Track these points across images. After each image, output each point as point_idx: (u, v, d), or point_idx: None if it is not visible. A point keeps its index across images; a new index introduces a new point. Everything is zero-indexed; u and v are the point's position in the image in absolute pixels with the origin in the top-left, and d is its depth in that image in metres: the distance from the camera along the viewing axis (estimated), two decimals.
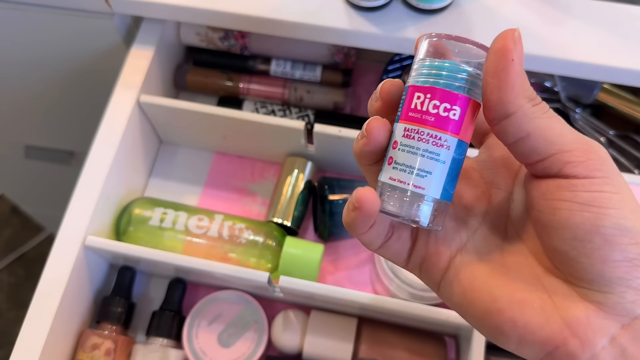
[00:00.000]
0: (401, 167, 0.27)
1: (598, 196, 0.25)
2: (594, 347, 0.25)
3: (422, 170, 0.27)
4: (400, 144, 0.27)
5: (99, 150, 0.59)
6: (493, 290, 0.27)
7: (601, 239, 0.25)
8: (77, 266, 0.55)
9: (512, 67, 0.25)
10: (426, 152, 0.27)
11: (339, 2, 0.60)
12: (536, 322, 0.26)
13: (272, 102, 0.70)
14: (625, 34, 0.59)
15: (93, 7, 0.63)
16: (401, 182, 0.27)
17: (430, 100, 0.26)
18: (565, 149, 0.25)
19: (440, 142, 0.27)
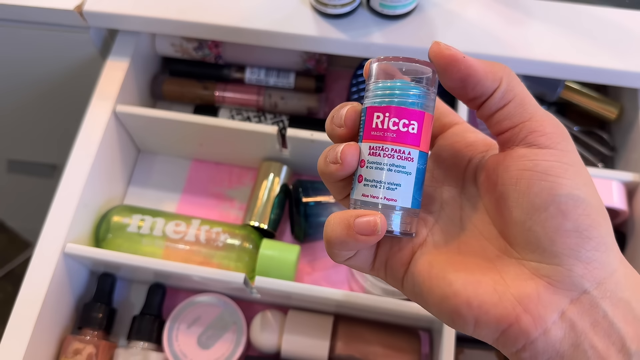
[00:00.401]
0: (371, 183, 0.29)
1: (556, 166, 0.26)
2: (545, 323, 0.26)
3: (391, 184, 0.28)
4: (367, 162, 0.29)
5: (77, 159, 0.60)
6: (449, 275, 0.28)
7: (555, 208, 0.26)
8: (57, 274, 0.56)
9: (470, 60, 0.27)
10: (393, 166, 0.28)
11: (307, 11, 0.62)
12: (489, 300, 0.26)
13: (248, 109, 0.72)
14: (583, 33, 0.61)
15: (68, 22, 0.64)
16: (373, 197, 0.29)
17: (389, 119, 0.28)
18: (535, 118, 0.27)
19: (404, 156, 0.28)
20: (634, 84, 0.61)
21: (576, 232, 0.26)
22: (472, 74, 0.27)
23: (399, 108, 0.28)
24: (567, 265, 0.26)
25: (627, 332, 0.25)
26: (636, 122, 0.63)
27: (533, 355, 0.26)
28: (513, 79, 0.28)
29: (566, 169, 0.26)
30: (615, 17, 0.62)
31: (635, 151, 0.62)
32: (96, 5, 0.63)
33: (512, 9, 0.62)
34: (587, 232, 0.26)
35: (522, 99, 0.28)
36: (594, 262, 0.26)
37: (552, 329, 0.26)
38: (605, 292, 0.26)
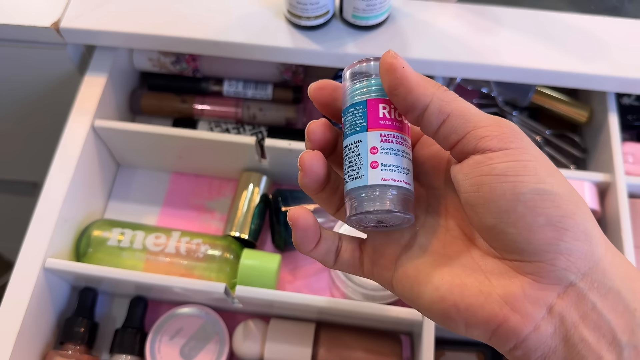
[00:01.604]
0: (391, 167, 0.29)
1: (514, 165, 0.26)
2: (535, 319, 0.25)
3: (405, 169, 0.29)
4: (381, 148, 0.29)
5: (56, 175, 0.61)
6: (434, 279, 0.29)
7: (523, 207, 0.25)
8: (38, 289, 0.56)
9: (408, 71, 0.28)
10: (404, 152, 0.29)
11: (282, 23, 0.63)
12: (476, 303, 0.27)
13: (226, 121, 0.72)
14: (551, 39, 0.63)
15: (45, 39, 0.65)
16: (395, 180, 0.29)
17: (395, 110, 0.30)
18: (480, 125, 0.27)
19: (407, 144, 0.30)
20: (601, 87, 0.63)
21: (550, 226, 0.25)
22: (404, 84, 0.28)
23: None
24: (548, 260, 0.25)
25: (617, 324, 0.25)
26: (606, 124, 0.65)
27: (526, 353, 0.26)
28: (447, 95, 0.28)
29: (525, 166, 0.26)
30: (582, 23, 0.64)
31: (605, 152, 0.64)
32: (73, 22, 0.63)
33: (481, 17, 0.64)
34: (561, 223, 0.25)
35: (461, 111, 0.28)
36: (575, 253, 0.25)
37: (542, 325, 0.26)
38: (592, 282, 0.25)
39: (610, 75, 0.61)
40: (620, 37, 0.63)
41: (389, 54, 0.28)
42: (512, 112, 0.70)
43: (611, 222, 0.61)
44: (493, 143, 0.27)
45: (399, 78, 0.28)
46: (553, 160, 0.68)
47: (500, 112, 0.70)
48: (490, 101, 0.71)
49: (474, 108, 0.28)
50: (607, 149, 0.64)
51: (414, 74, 0.28)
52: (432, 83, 0.28)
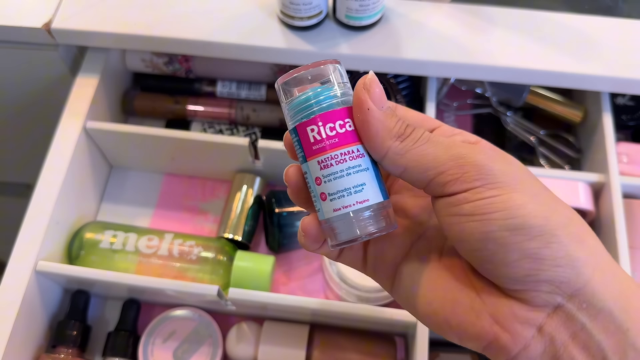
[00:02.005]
0: (337, 195, 0.28)
1: (480, 204, 0.25)
2: (524, 339, 0.26)
3: (357, 186, 0.28)
4: (323, 177, 0.28)
5: (48, 177, 0.60)
6: (428, 293, 0.29)
7: (494, 244, 0.25)
8: (29, 292, 0.56)
9: (371, 115, 0.27)
10: (350, 168, 0.28)
11: (275, 24, 0.63)
12: (467, 320, 0.27)
13: (220, 122, 0.72)
14: (545, 39, 0.63)
15: (37, 40, 0.64)
16: (346, 207, 0.28)
17: (324, 126, 0.28)
18: (440, 170, 0.26)
19: (355, 155, 0.28)
20: (596, 87, 0.63)
21: (526, 259, 0.25)
22: (364, 129, 0.28)
23: (326, 113, 0.28)
24: (531, 287, 0.25)
25: (608, 344, 0.25)
26: (600, 124, 0.65)
27: None
28: (404, 147, 0.27)
29: (491, 202, 0.25)
30: (576, 23, 0.64)
31: (599, 152, 0.64)
32: (64, 23, 0.63)
33: (475, 17, 0.63)
34: (537, 255, 0.25)
35: (418, 162, 0.27)
36: (558, 278, 0.25)
37: (532, 344, 0.26)
38: (581, 303, 0.25)
39: (604, 75, 0.61)
40: (614, 37, 0.63)
41: (362, 83, 0.28)
42: (506, 113, 0.70)
43: (605, 223, 0.60)
44: (457, 186, 0.26)
45: (361, 120, 0.27)
46: (547, 161, 0.68)
47: (494, 113, 0.70)
48: (484, 101, 0.71)
49: (431, 149, 0.27)
50: (602, 149, 0.63)
51: (378, 118, 0.27)
52: (392, 133, 0.27)
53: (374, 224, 0.28)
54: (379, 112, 0.27)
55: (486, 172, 0.25)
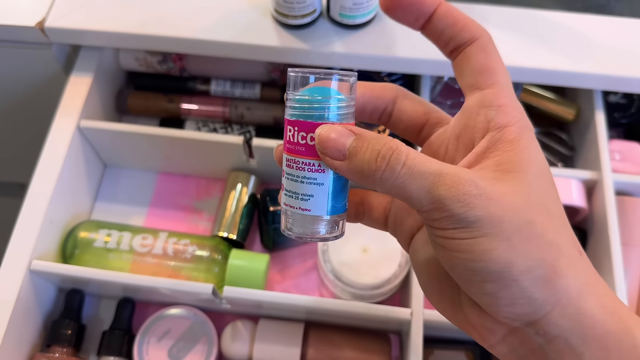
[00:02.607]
0: (289, 193, 0.29)
1: (449, 242, 0.26)
2: (489, 341, 0.29)
3: (305, 195, 0.29)
4: (285, 173, 0.29)
5: (41, 176, 0.60)
6: (424, 273, 0.32)
7: (458, 276, 0.27)
8: (24, 291, 0.56)
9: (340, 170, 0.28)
10: (305, 178, 0.28)
11: (268, 22, 0.63)
12: (448, 310, 0.30)
13: (214, 120, 0.72)
14: (538, 37, 0.63)
15: (30, 39, 0.64)
16: (291, 206, 0.29)
17: (298, 132, 0.28)
18: (423, 210, 0.26)
19: (314, 168, 0.28)
20: (588, 85, 0.63)
21: (484, 295, 0.26)
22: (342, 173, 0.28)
23: (305, 122, 0.28)
24: (490, 312, 0.27)
25: None
26: (593, 122, 0.65)
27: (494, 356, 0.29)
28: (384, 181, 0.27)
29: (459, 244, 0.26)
30: (569, 21, 0.64)
31: (592, 150, 0.64)
32: (58, 22, 0.63)
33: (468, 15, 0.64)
34: (494, 294, 0.26)
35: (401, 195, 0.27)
36: (514, 312, 0.26)
37: (497, 346, 0.29)
38: (537, 329, 0.26)
39: (597, 73, 0.61)
40: (607, 35, 0.63)
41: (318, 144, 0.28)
42: None
43: (598, 220, 0.61)
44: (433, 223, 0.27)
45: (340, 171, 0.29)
46: None
47: None
48: None
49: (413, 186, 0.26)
50: (594, 147, 0.64)
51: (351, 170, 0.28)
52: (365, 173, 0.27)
53: (307, 231, 0.30)
54: (344, 165, 0.28)
55: (460, 218, 0.25)
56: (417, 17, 0.30)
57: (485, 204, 0.25)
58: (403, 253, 0.59)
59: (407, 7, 0.30)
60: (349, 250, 0.59)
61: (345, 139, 0.27)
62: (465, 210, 0.25)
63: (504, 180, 0.26)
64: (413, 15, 0.30)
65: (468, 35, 0.30)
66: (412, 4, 0.30)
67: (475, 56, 0.30)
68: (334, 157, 0.27)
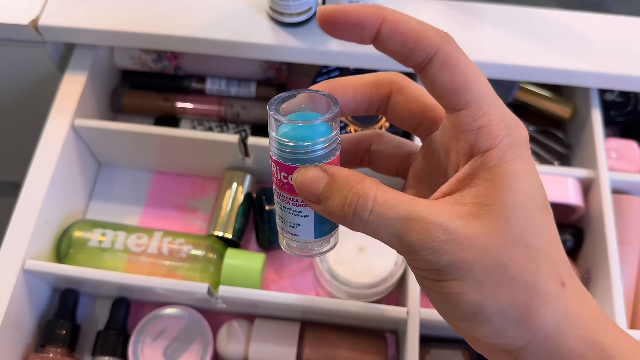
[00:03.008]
0: (279, 219, 0.31)
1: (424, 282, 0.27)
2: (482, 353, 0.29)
3: (292, 223, 0.30)
4: (276, 201, 0.30)
5: (35, 175, 0.60)
6: None
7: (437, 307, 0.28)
8: (17, 291, 0.55)
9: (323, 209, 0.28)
10: (291, 210, 0.29)
11: (264, 20, 0.63)
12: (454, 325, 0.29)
13: (209, 119, 0.72)
14: (535, 35, 0.63)
15: (24, 37, 0.64)
16: (282, 229, 0.31)
17: (280, 171, 0.28)
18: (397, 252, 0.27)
19: (298, 203, 0.29)
20: (585, 83, 0.63)
21: (461, 328, 0.27)
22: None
23: (285, 165, 0.28)
24: (470, 340, 0.28)
25: None
26: (589, 120, 0.65)
27: None
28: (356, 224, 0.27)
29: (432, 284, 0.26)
30: (565, 19, 0.64)
31: (588, 148, 0.64)
32: (52, 20, 0.62)
33: (464, 13, 0.64)
34: (469, 329, 0.26)
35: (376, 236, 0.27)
36: (490, 342, 0.26)
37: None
38: (516, 358, 0.27)
39: (593, 71, 0.61)
40: (603, 33, 0.63)
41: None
42: None
43: (595, 218, 0.61)
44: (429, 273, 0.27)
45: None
46: (537, 157, 0.68)
47: None
48: None
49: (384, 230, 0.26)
50: (591, 145, 0.64)
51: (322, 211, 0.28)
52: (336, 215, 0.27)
53: (300, 251, 0.31)
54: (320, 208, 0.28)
55: (430, 264, 0.26)
56: (360, 39, 0.27)
57: (454, 249, 0.25)
58: None
59: (345, 29, 0.27)
60: (345, 249, 0.58)
61: (318, 185, 0.27)
62: (435, 257, 0.25)
63: (480, 217, 0.25)
64: (355, 37, 0.27)
65: (423, 54, 0.26)
66: (348, 26, 0.27)
67: (437, 76, 0.26)
68: (311, 200, 0.28)
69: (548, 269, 0.26)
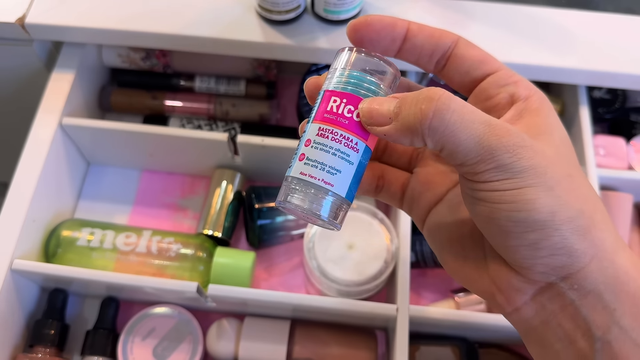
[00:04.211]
0: (313, 163, 0.28)
1: (492, 195, 0.26)
2: (516, 303, 0.29)
3: (332, 168, 0.28)
4: (313, 142, 0.28)
5: (23, 174, 0.59)
6: (445, 243, 0.32)
7: (497, 229, 0.27)
8: (5, 291, 0.55)
9: (390, 133, 0.28)
10: (338, 151, 0.28)
11: (252, 17, 0.62)
12: (471, 276, 0.30)
13: (199, 117, 0.71)
14: (522, 32, 0.63)
15: (10, 35, 0.63)
16: (312, 177, 0.28)
17: (345, 105, 0.29)
18: (466, 162, 0.26)
19: (351, 144, 0.28)
20: (573, 80, 0.63)
21: (524, 246, 0.26)
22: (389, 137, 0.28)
23: (358, 97, 0.29)
24: (526, 266, 0.27)
25: (593, 319, 0.27)
26: (577, 117, 0.65)
27: (512, 323, 0.30)
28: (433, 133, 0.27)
29: (502, 195, 0.26)
30: (553, 16, 0.64)
31: (577, 145, 0.64)
32: (39, 18, 0.62)
33: (452, 11, 0.64)
34: (535, 245, 0.26)
35: (448, 147, 0.27)
36: (552, 264, 0.26)
37: (523, 308, 0.28)
38: (572, 284, 0.27)
39: (581, 68, 0.61)
40: (591, 31, 0.64)
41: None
42: None
43: None
44: (477, 176, 0.27)
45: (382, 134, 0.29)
46: None
47: None
48: (463, 96, 0.71)
49: (463, 135, 0.26)
50: (579, 142, 0.64)
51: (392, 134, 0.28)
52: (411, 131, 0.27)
53: (320, 208, 0.28)
54: (392, 128, 0.28)
55: (507, 168, 0.26)
56: (392, 40, 0.31)
57: (531, 154, 0.26)
58: (389, 249, 0.58)
59: (380, 34, 0.30)
60: (335, 247, 0.58)
61: (389, 104, 0.28)
62: (514, 161, 0.26)
63: (538, 139, 0.27)
64: (388, 40, 0.31)
65: (449, 40, 0.31)
66: (383, 29, 0.30)
67: (469, 52, 0.31)
68: (381, 123, 0.28)
69: (596, 193, 0.28)
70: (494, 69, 0.31)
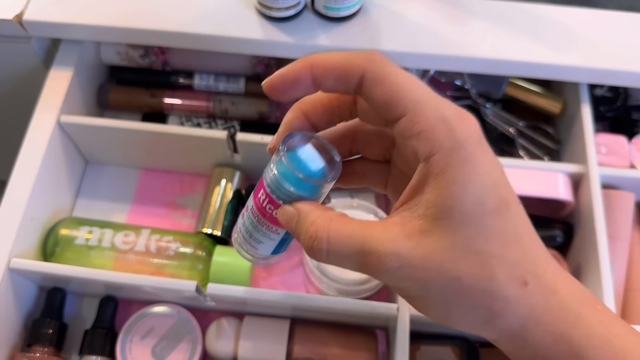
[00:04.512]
0: (244, 228, 0.32)
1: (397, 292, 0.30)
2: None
3: (256, 240, 0.32)
4: (246, 214, 0.32)
5: (21, 172, 0.59)
6: None
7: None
8: (3, 290, 0.54)
9: None
10: (260, 230, 0.32)
11: (252, 14, 0.62)
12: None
13: (198, 115, 0.71)
14: (524, 30, 0.63)
15: (8, 32, 0.63)
16: (244, 240, 0.33)
17: (268, 203, 0.30)
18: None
19: (272, 229, 0.31)
20: (574, 78, 0.63)
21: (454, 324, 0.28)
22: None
23: (275, 201, 0.30)
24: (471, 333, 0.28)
25: None
26: (579, 116, 0.65)
27: None
28: None
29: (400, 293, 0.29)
30: (555, 14, 0.64)
31: (578, 143, 0.64)
32: (37, 15, 0.61)
33: (454, 8, 0.63)
34: (445, 323, 0.28)
35: None
36: (469, 334, 0.29)
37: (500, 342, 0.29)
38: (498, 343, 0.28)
39: (583, 66, 0.61)
40: (592, 28, 0.63)
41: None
42: (485, 104, 0.69)
43: (585, 213, 0.61)
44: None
45: None
46: (527, 152, 0.68)
47: (473, 105, 0.70)
48: (463, 93, 0.70)
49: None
50: (581, 140, 0.63)
51: None
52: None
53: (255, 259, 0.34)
54: None
55: (394, 288, 0.29)
56: (304, 89, 0.29)
57: (409, 273, 0.26)
58: None
59: (290, 89, 0.29)
60: None
61: (292, 224, 0.29)
62: (394, 283, 0.27)
63: (430, 233, 0.26)
64: (300, 91, 0.29)
65: (354, 79, 0.27)
66: (290, 86, 0.29)
67: (371, 94, 0.27)
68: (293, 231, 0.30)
69: (505, 272, 0.26)
70: (398, 113, 0.27)
